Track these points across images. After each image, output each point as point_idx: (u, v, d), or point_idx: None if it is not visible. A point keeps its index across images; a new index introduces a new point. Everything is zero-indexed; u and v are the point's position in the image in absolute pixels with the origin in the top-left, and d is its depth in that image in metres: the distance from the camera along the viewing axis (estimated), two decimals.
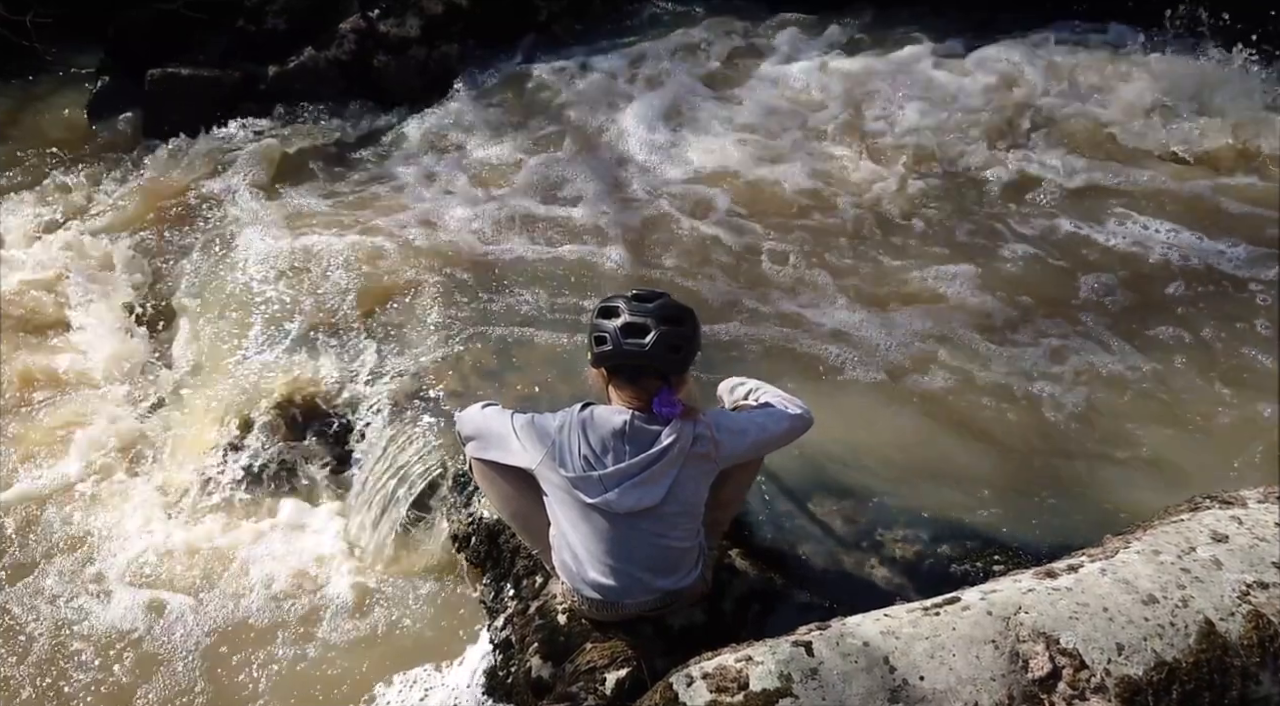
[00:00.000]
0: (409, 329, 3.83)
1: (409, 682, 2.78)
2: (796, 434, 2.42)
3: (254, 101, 5.63)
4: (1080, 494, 3.07)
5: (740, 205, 4.61)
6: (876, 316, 3.85)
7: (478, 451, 2.40)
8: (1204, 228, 4.38)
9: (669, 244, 4.35)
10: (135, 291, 4.36)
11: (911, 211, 4.56)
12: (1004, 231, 4.42)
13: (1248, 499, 2.18)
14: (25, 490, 3.47)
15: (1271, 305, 3.92)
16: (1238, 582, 1.89)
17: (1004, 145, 5.03)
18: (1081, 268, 4.18)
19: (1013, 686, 1.75)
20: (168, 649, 2.94)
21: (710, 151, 5.04)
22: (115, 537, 3.29)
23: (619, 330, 2.22)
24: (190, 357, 3.89)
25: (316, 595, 3.09)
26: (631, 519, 2.21)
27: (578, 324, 3.74)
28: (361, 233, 4.38)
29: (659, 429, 2.21)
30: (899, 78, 5.57)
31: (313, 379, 3.61)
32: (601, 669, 2.31)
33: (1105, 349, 3.69)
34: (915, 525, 2.86)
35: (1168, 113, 5.16)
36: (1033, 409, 3.40)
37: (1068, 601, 1.86)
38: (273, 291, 4.04)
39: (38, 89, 6.19)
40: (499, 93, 5.62)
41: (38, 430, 3.70)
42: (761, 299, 3.98)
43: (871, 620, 1.90)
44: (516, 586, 2.72)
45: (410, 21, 5.90)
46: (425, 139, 5.35)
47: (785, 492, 2.95)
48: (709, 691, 1.77)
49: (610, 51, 6.00)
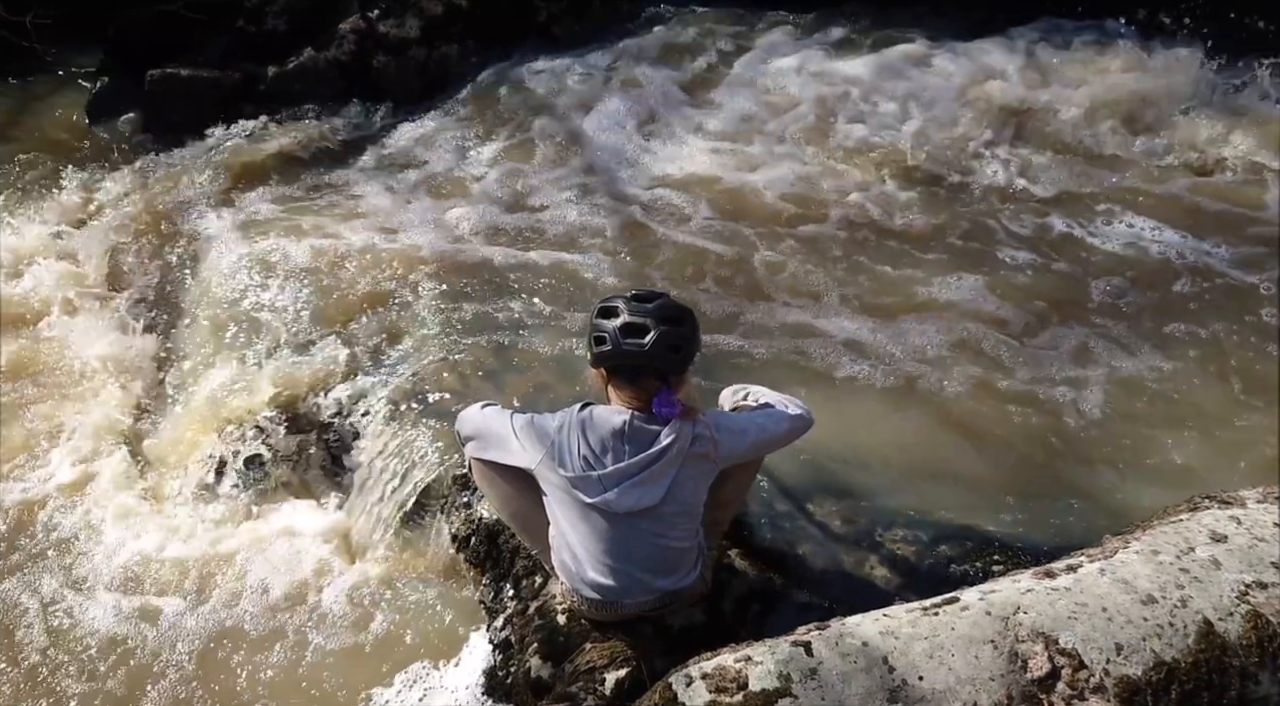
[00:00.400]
0: (407, 330, 3.83)
1: (408, 683, 2.78)
2: (797, 434, 2.42)
3: (254, 102, 5.63)
4: (1079, 494, 3.08)
5: (738, 209, 4.61)
6: (872, 319, 3.86)
7: (477, 451, 2.40)
8: (1198, 228, 4.41)
9: (667, 245, 4.35)
10: (133, 292, 4.35)
11: (902, 213, 4.57)
12: (994, 232, 4.45)
13: (1247, 499, 2.18)
14: (15, 492, 3.46)
15: (1270, 305, 3.93)
16: (1236, 583, 1.89)
17: (994, 147, 5.04)
18: (1075, 269, 4.21)
19: (1012, 686, 1.75)
20: (163, 651, 2.93)
21: (704, 155, 5.04)
22: (109, 541, 3.28)
23: (618, 330, 2.21)
24: (187, 359, 3.89)
25: (315, 597, 3.08)
26: (631, 519, 2.21)
27: (576, 325, 3.74)
28: (360, 233, 4.38)
29: (658, 429, 2.21)
30: (894, 79, 5.58)
31: (311, 380, 3.61)
32: (601, 669, 2.31)
33: (1103, 350, 3.70)
34: (914, 525, 2.86)
35: (1159, 113, 5.17)
36: (1031, 409, 3.41)
37: (1067, 601, 1.86)
38: (271, 292, 4.04)
39: (37, 89, 6.19)
40: (498, 94, 5.62)
41: (32, 431, 3.69)
42: (759, 299, 3.99)
43: (871, 620, 1.90)
44: (516, 586, 2.72)
45: (410, 22, 5.90)
46: (424, 140, 5.35)
47: (784, 493, 2.95)
48: (708, 691, 1.77)
49: (609, 53, 6.00)
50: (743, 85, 5.62)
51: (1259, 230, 4.43)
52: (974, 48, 5.77)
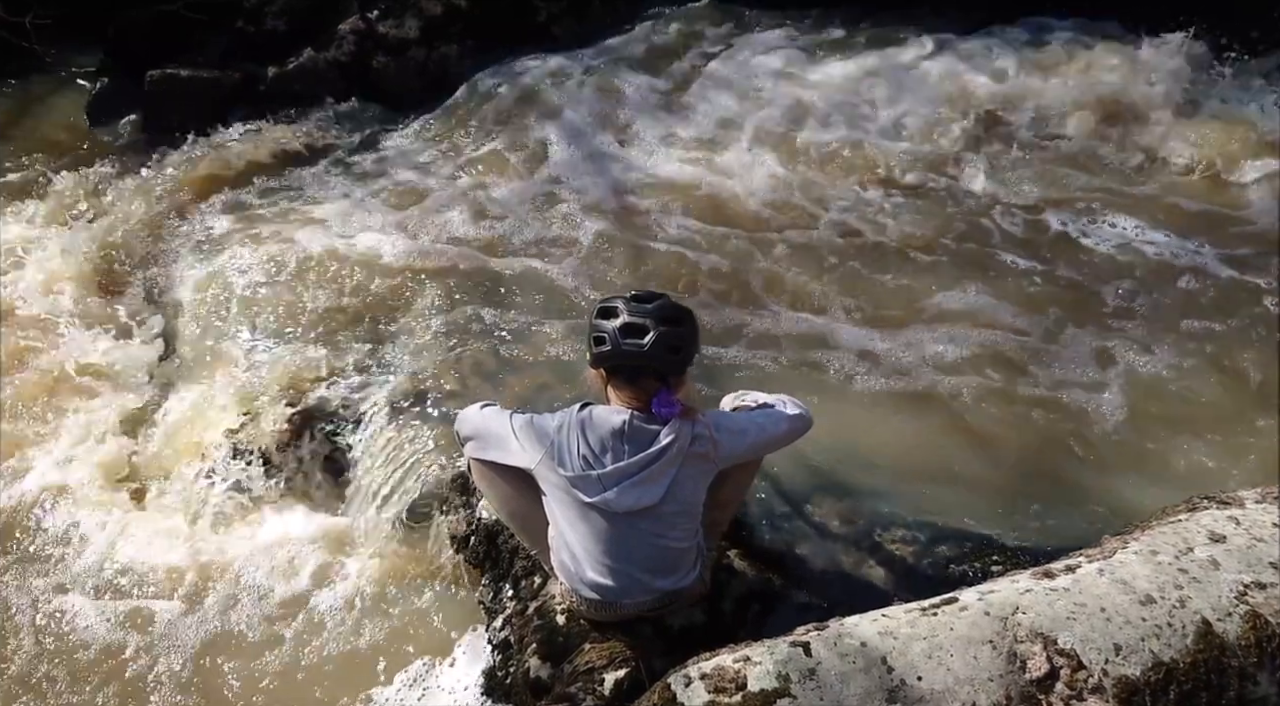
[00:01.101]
0: (407, 331, 3.83)
1: (408, 682, 2.78)
2: (797, 434, 2.42)
3: (253, 102, 5.63)
4: (1078, 494, 3.08)
5: (737, 212, 4.61)
6: (870, 321, 3.87)
7: (476, 452, 2.40)
8: (1194, 229, 4.41)
9: (667, 247, 4.34)
10: (132, 292, 4.35)
11: (894, 215, 4.57)
12: (988, 234, 4.44)
13: (1245, 499, 2.18)
14: (11, 491, 3.45)
15: (1267, 304, 3.94)
16: (1235, 583, 1.89)
17: (982, 148, 5.05)
18: (1070, 271, 4.20)
19: (1010, 687, 1.75)
20: (160, 655, 2.93)
21: (700, 157, 5.03)
22: (101, 545, 3.27)
23: (618, 330, 2.22)
24: (187, 359, 3.89)
25: (313, 599, 3.08)
26: (630, 518, 2.21)
27: (575, 327, 3.74)
28: (360, 234, 4.38)
29: (658, 428, 2.21)
30: (889, 81, 5.56)
31: (310, 380, 3.61)
32: (600, 669, 2.31)
33: (1101, 352, 3.70)
34: (913, 526, 2.86)
35: (1149, 114, 5.17)
36: (1029, 411, 3.41)
37: (1065, 602, 1.86)
38: (271, 293, 4.04)
39: (37, 90, 6.19)
40: (498, 94, 5.61)
41: (28, 431, 3.69)
42: (758, 301, 3.99)
43: (869, 620, 1.90)
44: (515, 587, 2.72)
45: (409, 23, 5.90)
46: (423, 141, 5.35)
47: (784, 493, 2.95)
48: (707, 692, 1.77)
49: (609, 53, 5.99)
50: (737, 87, 5.61)
51: (1259, 230, 4.43)
52: (966, 48, 5.76)
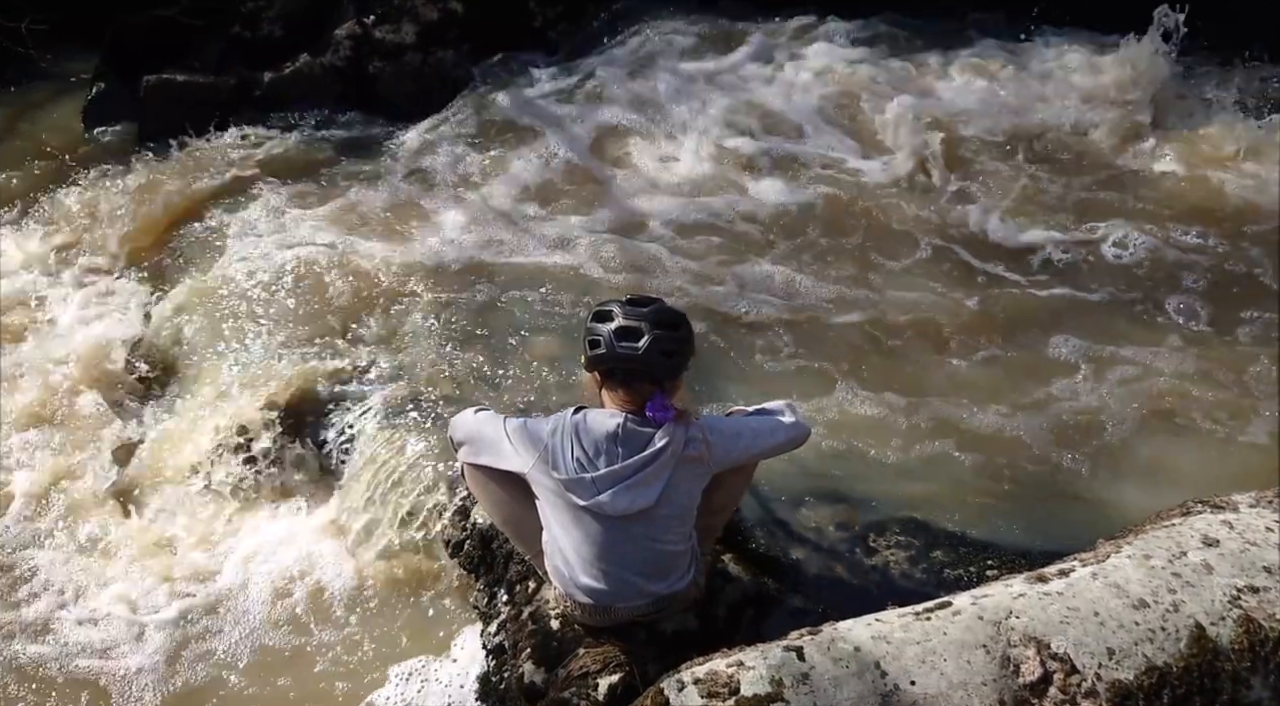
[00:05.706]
0: (402, 336, 3.83)
1: (402, 680, 2.78)
2: (794, 444, 2.42)
3: (250, 107, 5.61)
4: (1072, 498, 3.09)
5: (735, 216, 4.62)
6: (864, 326, 3.87)
7: (470, 456, 2.40)
8: (1190, 229, 4.42)
9: (666, 248, 4.35)
10: (129, 297, 4.34)
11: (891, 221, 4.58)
12: (981, 235, 4.45)
13: (1239, 503, 2.18)
14: (9, 490, 3.45)
15: (1269, 305, 3.94)
16: (1228, 587, 1.89)
17: (977, 151, 5.06)
18: (1067, 272, 4.20)
19: (1004, 691, 1.75)
20: (160, 652, 2.93)
21: (699, 161, 5.04)
22: (105, 541, 3.28)
23: (613, 334, 2.22)
24: (181, 363, 3.88)
25: (307, 602, 3.08)
26: (624, 522, 2.21)
27: (570, 332, 3.74)
28: (356, 239, 4.37)
29: (652, 432, 2.21)
30: (886, 84, 5.57)
31: (306, 384, 3.60)
32: (594, 674, 2.31)
33: (1097, 354, 3.70)
34: (907, 530, 2.86)
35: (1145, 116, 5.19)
36: (1024, 414, 3.41)
37: (1059, 606, 1.86)
38: (266, 297, 4.03)
39: (33, 95, 6.18)
40: (493, 99, 5.61)
41: (26, 430, 3.69)
42: (752, 303, 4.00)
43: (863, 625, 1.90)
44: (509, 592, 2.72)
45: (406, 28, 5.90)
46: (420, 146, 5.34)
47: (778, 498, 2.95)
48: (700, 696, 1.77)
49: (605, 57, 5.99)
50: (735, 91, 5.63)
51: (1256, 231, 4.43)
52: (962, 51, 5.79)
